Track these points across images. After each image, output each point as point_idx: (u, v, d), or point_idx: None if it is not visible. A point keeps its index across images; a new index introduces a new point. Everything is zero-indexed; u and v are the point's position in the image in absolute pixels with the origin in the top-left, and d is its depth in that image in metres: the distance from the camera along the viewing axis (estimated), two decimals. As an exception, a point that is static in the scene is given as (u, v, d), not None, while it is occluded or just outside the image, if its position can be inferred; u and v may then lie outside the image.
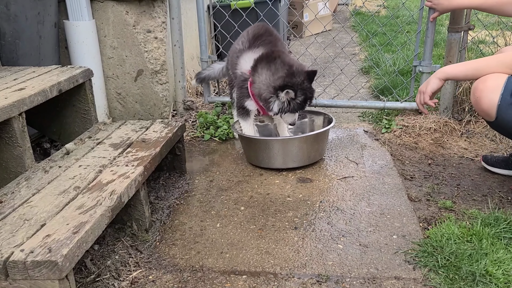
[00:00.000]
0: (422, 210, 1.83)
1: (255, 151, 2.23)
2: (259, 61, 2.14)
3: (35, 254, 1.14)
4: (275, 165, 2.21)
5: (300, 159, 2.20)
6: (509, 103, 1.66)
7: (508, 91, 1.66)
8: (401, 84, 3.09)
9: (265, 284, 1.43)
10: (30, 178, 1.60)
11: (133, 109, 2.75)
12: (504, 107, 1.67)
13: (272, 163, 2.21)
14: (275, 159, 2.19)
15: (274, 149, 2.17)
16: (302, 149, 2.18)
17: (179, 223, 1.79)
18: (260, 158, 2.22)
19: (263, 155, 2.20)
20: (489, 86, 1.69)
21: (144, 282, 1.46)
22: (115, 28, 2.56)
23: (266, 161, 2.21)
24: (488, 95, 1.69)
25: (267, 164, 2.22)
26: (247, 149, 2.30)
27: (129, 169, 1.63)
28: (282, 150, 2.16)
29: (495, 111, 1.69)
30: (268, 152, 2.18)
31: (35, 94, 1.70)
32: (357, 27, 5.83)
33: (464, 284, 1.38)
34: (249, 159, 2.32)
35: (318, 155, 2.28)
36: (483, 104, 1.70)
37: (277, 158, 2.19)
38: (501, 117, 1.69)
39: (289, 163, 2.20)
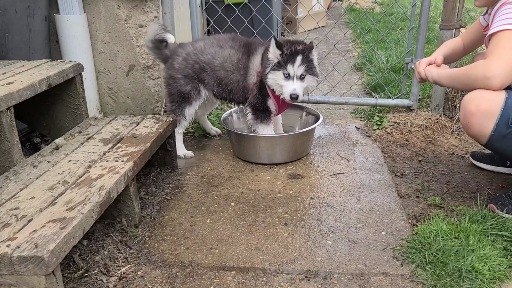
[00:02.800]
0: (411, 207, 1.84)
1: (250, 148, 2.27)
2: (263, 56, 2.18)
3: (21, 250, 1.13)
4: (263, 160, 2.25)
5: (288, 155, 2.26)
6: (503, 134, 1.55)
7: (504, 121, 1.54)
8: (393, 81, 3.10)
9: (253, 280, 1.44)
10: (18, 173, 1.58)
11: (124, 104, 2.73)
12: (497, 138, 1.58)
13: (261, 158, 2.25)
14: (264, 155, 2.24)
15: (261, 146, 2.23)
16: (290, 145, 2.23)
17: (169, 219, 1.79)
18: (252, 153, 2.27)
19: (253, 150, 2.24)
20: (482, 111, 1.56)
21: (133, 278, 1.46)
22: (106, 23, 2.54)
23: (255, 156, 2.26)
24: (481, 122, 1.57)
25: (256, 160, 2.27)
26: (238, 145, 2.32)
27: (118, 165, 1.63)
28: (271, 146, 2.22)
29: (486, 139, 1.60)
30: (257, 148, 2.23)
31: (24, 89, 1.69)
32: (350, 24, 5.83)
33: (450, 280, 1.39)
34: (239, 154, 2.35)
35: (305, 151, 2.33)
36: (474, 130, 1.60)
37: (265, 154, 2.24)
38: (492, 145, 1.63)
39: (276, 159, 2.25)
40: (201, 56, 2.26)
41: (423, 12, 2.59)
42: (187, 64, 2.26)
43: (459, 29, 2.60)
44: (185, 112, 2.30)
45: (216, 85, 2.28)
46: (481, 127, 1.59)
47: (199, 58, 2.25)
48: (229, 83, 2.27)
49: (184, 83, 2.26)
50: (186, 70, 2.26)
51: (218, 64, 2.25)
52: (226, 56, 2.25)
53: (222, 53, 2.25)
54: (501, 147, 1.64)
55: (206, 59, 2.25)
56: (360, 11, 6.56)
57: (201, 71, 2.26)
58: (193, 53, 2.26)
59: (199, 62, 2.25)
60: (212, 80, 2.27)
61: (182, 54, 2.27)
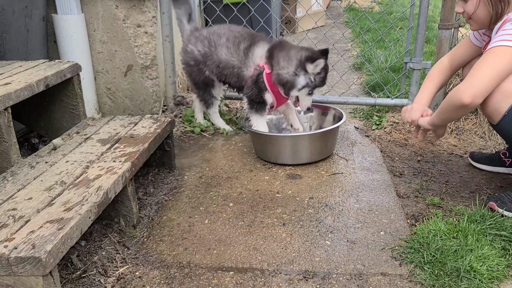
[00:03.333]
0: (410, 207, 1.84)
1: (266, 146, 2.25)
2: (272, 51, 2.21)
3: (18, 250, 1.13)
4: (285, 161, 2.22)
5: (311, 155, 2.22)
6: None
7: None
8: (392, 81, 3.09)
9: (252, 280, 1.44)
10: (15, 174, 1.58)
11: (123, 105, 2.73)
12: (509, 119, 1.62)
13: (282, 159, 2.22)
14: (284, 155, 2.21)
15: (285, 145, 2.19)
16: (313, 145, 2.20)
17: (167, 219, 1.79)
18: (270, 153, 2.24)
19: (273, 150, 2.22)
20: (502, 90, 1.60)
21: (131, 278, 1.46)
22: (104, 23, 2.54)
23: (275, 156, 2.23)
24: (498, 101, 1.61)
25: (276, 160, 2.24)
26: (257, 145, 2.32)
27: (116, 165, 1.62)
28: (292, 146, 2.18)
29: (499, 118, 1.64)
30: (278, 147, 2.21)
31: (22, 89, 1.68)
32: (349, 23, 5.83)
33: (448, 280, 1.39)
34: (259, 154, 2.33)
35: (329, 151, 2.30)
36: (490, 108, 1.64)
37: (287, 154, 2.21)
38: (503, 126, 1.66)
39: (300, 159, 2.21)
40: (211, 36, 2.38)
41: (422, 12, 2.59)
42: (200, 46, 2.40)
43: (458, 28, 2.60)
44: (213, 93, 2.51)
45: (215, 67, 2.38)
46: (496, 106, 1.62)
47: (210, 37, 2.38)
48: (225, 67, 2.35)
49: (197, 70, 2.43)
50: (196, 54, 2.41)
51: (222, 42, 2.34)
52: (231, 37, 2.33)
53: (229, 34, 2.35)
54: (510, 130, 1.66)
55: (214, 38, 2.37)
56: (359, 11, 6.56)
57: (208, 52, 2.38)
58: (206, 34, 2.41)
59: (209, 41, 2.38)
60: (213, 61, 2.38)
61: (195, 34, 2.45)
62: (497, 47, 1.59)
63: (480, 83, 1.59)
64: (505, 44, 1.57)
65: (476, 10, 1.73)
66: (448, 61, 2.03)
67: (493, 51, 1.60)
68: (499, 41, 1.59)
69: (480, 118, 2.59)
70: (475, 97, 1.59)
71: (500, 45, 1.58)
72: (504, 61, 1.58)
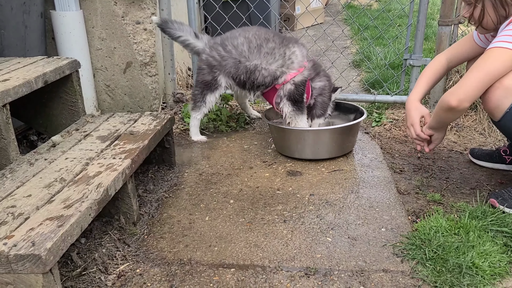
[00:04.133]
0: (411, 203, 1.83)
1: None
2: (316, 65, 2.37)
3: (18, 248, 1.12)
4: (308, 156, 2.24)
5: (332, 150, 2.23)
6: None
7: None
8: (391, 78, 3.09)
9: (253, 277, 1.43)
10: (14, 171, 1.57)
11: (122, 102, 2.72)
12: (510, 116, 1.61)
13: (305, 154, 2.24)
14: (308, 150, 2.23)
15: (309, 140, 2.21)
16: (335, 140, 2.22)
17: (167, 216, 1.78)
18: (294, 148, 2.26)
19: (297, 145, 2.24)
20: (505, 86, 1.58)
21: (132, 276, 1.45)
22: (103, 19, 2.52)
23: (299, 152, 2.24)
24: (500, 98, 1.60)
25: (300, 155, 2.25)
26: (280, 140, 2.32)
27: (116, 162, 1.61)
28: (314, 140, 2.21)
29: (501, 115, 1.63)
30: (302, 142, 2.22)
31: (20, 85, 1.67)
32: (348, 20, 5.82)
33: (450, 276, 1.39)
34: (281, 150, 2.33)
35: (351, 146, 2.32)
36: (492, 104, 1.63)
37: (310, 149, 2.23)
38: (504, 123, 1.65)
39: (321, 154, 2.23)
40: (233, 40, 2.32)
41: (421, 8, 2.58)
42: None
43: (458, 25, 2.59)
44: (206, 99, 2.41)
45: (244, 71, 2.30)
46: (499, 102, 1.61)
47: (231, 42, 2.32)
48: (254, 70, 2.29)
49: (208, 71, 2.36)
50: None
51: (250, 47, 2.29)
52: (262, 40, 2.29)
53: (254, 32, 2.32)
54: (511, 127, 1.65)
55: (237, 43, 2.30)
56: (358, 8, 6.55)
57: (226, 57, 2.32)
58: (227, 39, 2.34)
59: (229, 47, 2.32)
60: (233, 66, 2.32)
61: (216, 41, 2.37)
62: (493, 48, 1.58)
63: (467, 87, 1.59)
64: (502, 46, 1.56)
65: (479, 16, 1.70)
66: (446, 59, 1.98)
67: (488, 53, 1.59)
68: (497, 42, 1.58)
69: (479, 115, 2.59)
70: (461, 100, 1.59)
71: (497, 46, 1.57)
72: (496, 64, 1.57)
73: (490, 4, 1.65)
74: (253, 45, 2.26)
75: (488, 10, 1.67)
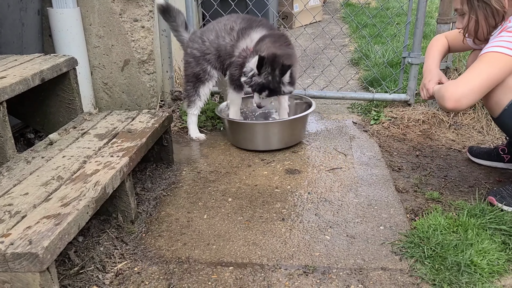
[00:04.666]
0: (409, 201, 1.83)
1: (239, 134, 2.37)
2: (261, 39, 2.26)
3: (15, 246, 1.11)
4: (258, 147, 2.33)
5: (279, 142, 2.33)
6: None
7: None
8: (390, 76, 3.08)
9: (251, 276, 1.43)
10: (11, 169, 1.56)
11: (119, 99, 2.71)
12: (508, 113, 1.61)
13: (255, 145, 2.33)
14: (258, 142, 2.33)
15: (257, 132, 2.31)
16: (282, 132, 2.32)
17: (165, 215, 1.77)
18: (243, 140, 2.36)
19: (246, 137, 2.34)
20: (504, 84, 1.59)
21: (129, 274, 1.44)
22: (100, 17, 2.51)
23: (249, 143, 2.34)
24: (499, 95, 1.61)
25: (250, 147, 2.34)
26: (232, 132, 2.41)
27: (114, 160, 1.61)
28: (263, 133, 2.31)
29: (499, 112, 1.63)
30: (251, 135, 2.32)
31: (17, 83, 1.66)
32: (347, 18, 5.81)
33: (449, 274, 1.39)
34: (235, 143, 2.42)
35: (297, 139, 2.41)
36: (491, 101, 1.64)
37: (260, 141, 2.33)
38: (503, 120, 1.66)
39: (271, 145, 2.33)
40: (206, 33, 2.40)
41: (420, 6, 2.58)
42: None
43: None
44: (200, 91, 2.41)
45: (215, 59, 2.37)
46: (498, 99, 1.62)
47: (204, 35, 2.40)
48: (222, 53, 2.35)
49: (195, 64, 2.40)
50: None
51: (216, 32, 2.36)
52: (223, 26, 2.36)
53: (223, 23, 2.38)
54: (510, 124, 1.66)
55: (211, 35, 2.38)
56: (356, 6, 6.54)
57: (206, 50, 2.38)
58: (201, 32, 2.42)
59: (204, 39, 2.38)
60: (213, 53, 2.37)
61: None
62: (490, 53, 1.58)
63: (465, 90, 1.58)
64: (498, 51, 1.55)
65: (471, 26, 1.71)
66: (447, 40, 2.02)
67: (485, 57, 1.59)
68: (493, 47, 1.58)
69: (478, 113, 2.59)
70: (457, 102, 1.59)
71: (493, 51, 1.57)
72: (494, 69, 1.56)
73: (483, 15, 1.65)
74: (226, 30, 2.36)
75: (481, 21, 1.67)
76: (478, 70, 1.58)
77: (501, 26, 1.63)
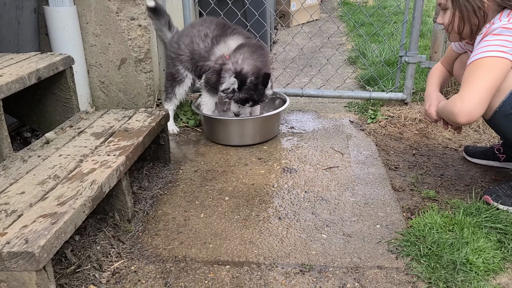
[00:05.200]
0: (405, 200, 1.84)
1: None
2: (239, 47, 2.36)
3: (11, 245, 1.11)
4: (233, 142, 2.41)
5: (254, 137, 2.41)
6: (506, 114, 1.59)
7: (510, 100, 1.58)
8: (387, 75, 3.09)
9: (248, 274, 1.43)
10: (7, 168, 1.56)
11: (116, 98, 2.70)
12: (500, 115, 1.61)
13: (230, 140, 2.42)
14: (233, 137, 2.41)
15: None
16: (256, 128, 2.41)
17: (162, 214, 1.77)
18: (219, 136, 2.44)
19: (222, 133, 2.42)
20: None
21: (126, 273, 1.44)
22: (97, 15, 2.50)
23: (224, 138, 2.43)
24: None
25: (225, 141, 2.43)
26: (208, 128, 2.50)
27: (110, 159, 1.60)
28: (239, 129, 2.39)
29: (491, 114, 1.63)
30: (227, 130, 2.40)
31: (13, 82, 1.65)
32: (344, 17, 5.82)
33: (445, 272, 1.39)
34: (211, 137, 2.50)
35: (272, 134, 2.49)
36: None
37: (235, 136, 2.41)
38: (494, 122, 1.66)
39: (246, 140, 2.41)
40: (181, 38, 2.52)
41: (417, 5, 2.58)
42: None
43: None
44: (176, 90, 2.55)
45: (189, 61, 2.49)
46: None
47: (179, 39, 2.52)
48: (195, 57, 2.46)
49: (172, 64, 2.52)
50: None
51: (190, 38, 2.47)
52: (197, 32, 2.47)
53: (198, 28, 2.47)
54: (501, 125, 1.66)
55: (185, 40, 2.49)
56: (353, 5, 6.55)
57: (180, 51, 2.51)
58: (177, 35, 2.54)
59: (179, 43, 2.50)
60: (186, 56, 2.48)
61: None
62: (485, 58, 1.55)
63: (473, 102, 1.54)
64: (493, 55, 1.54)
65: (452, 23, 1.72)
66: (442, 64, 2.06)
67: (481, 64, 1.56)
68: (486, 52, 1.55)
69: (474, 111, 2.59)
70: (470, 116, 1.56)
71: (488, 56, 1.54)
72: (494, 74, 1.54)
73: (465, 11, 1.66)
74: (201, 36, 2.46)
75: (463, 17, 1.68)
76: (479, 78, 1.55)
77: (485, 29, 1.62)
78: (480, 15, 1.64)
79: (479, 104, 1.55)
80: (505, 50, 1.53)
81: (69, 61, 2.01)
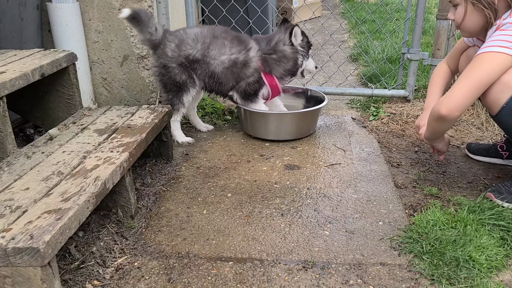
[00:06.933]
0: (408, 197, 1.84)
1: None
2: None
3: (16, 241, 1.11)
4: (270, 136, 2.40)
5: (293, 132, 2.40)
6: None
7: None
8: (389, 72, 3.09)
9: (251, 270, 1.43)
10: (11, 164, 1.56)
11: (119, 95, 2.70)
12: (507, 111, 1.61)
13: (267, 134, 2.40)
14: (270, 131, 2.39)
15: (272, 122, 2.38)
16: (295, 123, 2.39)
17: (165, 210, 1.78)
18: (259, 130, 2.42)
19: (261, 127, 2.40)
20: (503, 81, 1.58)
21: (130, 269, 1.45)
22: (100, 12, 2.50)
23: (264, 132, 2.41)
24: (498, 92, 1.60)
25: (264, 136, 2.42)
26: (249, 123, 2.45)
27: (114, 155, 1.61)
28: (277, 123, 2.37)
29: (498, 109, 1.63)
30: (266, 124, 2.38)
31: (16, 78, 1.66)
32: (346, 14, 5.80)
33: (448, 269, 1.40)
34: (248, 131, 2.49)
35: (309, 131, 2.47)
36: (490, 98, 1.63)
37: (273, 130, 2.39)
38: (501, 118, 1.66)
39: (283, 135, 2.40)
40: (195, 44, 2.24)
41: (419, 2, 2.58)
42: (180, 52, 2.23)
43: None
44: (184, 100, 2.32)
45: (207, 77, 2.28)
46: (496, 97, 1.61)
47: (193, 46, 2.24)
48: (221, 76, 2.28)
49: (179, 72, 2.25)
50: (180, 59, 2.23)
51: (212, 55, 2.24)
52: (221, 47, 2.24)
53: (217, 43, 2.24)
54: (508, 122, 1.66)
55: (200, 48, 2.23)
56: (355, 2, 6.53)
57: (194, 61, 2.24)
58: (187, 41, 2.25)
59: (193, 51, 2.24)
60: (204, 72, 2.27)
61: (175, 41, 2.24)
62: (483, 53, 1.57)
63: (457, 96, 1.59)
64: (491, 50, 1.55)
65: (464, 19, 1.71)
66: (447, 64, 2.04)
67: (478, 59, 1.59)
68: (487, 47, 1.57)
69: (477, 109, 2.59)
70: (450, 110, 1.60)
71: (487, 51, 1.56)
72: (486, 70, 1.56)
73: (476, 6, 1.66)
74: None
75: (469, 13, 1.68)
76: (471, 73, 1.58)
77: (495, 25, 1.62)
78: (491, 11, 1.64)
79: (460, 99, 1.58)
80: (507, 46, 1.53)
81: (72, 58, 2.02)
